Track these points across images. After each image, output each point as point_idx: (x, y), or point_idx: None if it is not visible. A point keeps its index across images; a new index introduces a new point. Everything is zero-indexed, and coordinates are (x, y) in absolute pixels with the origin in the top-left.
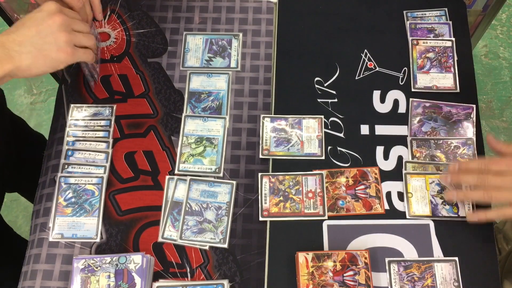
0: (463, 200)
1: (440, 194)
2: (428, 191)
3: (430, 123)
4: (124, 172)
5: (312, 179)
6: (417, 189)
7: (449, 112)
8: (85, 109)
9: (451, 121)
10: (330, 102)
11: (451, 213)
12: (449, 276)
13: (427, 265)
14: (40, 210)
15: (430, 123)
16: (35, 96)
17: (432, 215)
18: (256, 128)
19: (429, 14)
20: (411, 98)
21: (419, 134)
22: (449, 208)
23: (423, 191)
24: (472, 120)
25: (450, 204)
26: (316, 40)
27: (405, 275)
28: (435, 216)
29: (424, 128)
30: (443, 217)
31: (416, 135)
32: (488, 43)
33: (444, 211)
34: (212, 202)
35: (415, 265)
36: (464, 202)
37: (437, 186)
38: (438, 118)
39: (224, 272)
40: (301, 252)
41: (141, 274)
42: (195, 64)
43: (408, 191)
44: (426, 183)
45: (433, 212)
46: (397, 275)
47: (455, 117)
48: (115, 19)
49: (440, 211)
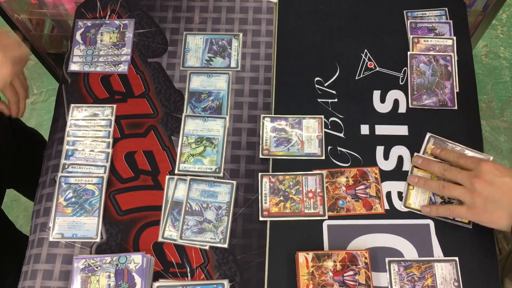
0: (421, 187)
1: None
2: None
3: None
4: (124, 172)
5: (312, 179)
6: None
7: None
8: (85, 109)
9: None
10: (330, 102)
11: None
12: (449, 276)
13: (427, 265)
14: (40, 210)
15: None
16: (35, 96)
17: None
18: (256, 128)
19: (429, 14)
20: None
21: (419, 102)
22: None
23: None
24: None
25: (447, 200)
26: (316, 40)
27: (405, 275)
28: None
29: (425, 99)
30: (439, 217)
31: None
32: (488, 43)
33: None
34: (212, 202)
35: (415, 265)
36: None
37: None
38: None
39: (224, 272)
40: (301, 252)
41: (141, 274)
42: (195, 64)
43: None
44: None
45: None
46: (397, 275)
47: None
48: (115, 19)
49: None
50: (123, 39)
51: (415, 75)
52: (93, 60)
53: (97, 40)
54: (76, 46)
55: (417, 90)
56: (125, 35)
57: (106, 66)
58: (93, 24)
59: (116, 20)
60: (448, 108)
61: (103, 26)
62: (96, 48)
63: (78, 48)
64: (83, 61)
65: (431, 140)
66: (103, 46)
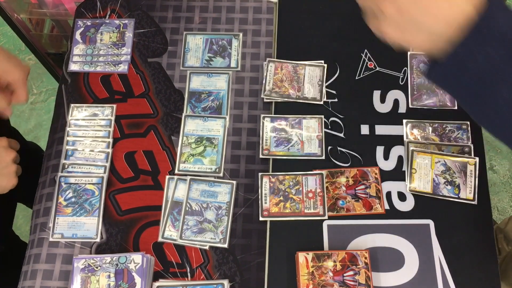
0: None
1: (443, 174)
2: (433, 169)
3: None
4: (124, 172)
5: (312, 179)
6: (421, 166)
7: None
8: (85, 109)
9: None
10: (330, 102)
11: (452, 194)
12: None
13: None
14: (40, 210)
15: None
16: (35, 96)
17: (432, 193)
18: (256, 128)
19: None
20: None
21: (419, 102)
22: (450, 189)
23: (427, 169)
24: None
25: (452, 186)
26: (316, 40)
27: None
28: (435, 194)
29: (425, 99)
30: (443, 196)
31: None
32: None
33: (445, 191)
34: (212, 202)
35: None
36: (465, 184)
37: (442, 166)
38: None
39: (224, 272)
40: (301, 252)
41: (141, 274)
42: (195, 64)
43: (412, 167)
44: (432, 161)
45: (434, 191)
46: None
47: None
48: (115, 18)
49: (441, 190)
50: (123, 38)
51: (415, 75)
52: (93, 59)
53: (96, 40)
54: (76, 46)
55: (417, 90)
56: (125, 35)
57: (106, 66)
58: (93, 24)
59: (116, 19)
60: (448, 108)
61: (103, 25)
62: (96, 48)
63: (77, 47)
64: (83, 60)
65: (409, 125)
66: (103, 45)
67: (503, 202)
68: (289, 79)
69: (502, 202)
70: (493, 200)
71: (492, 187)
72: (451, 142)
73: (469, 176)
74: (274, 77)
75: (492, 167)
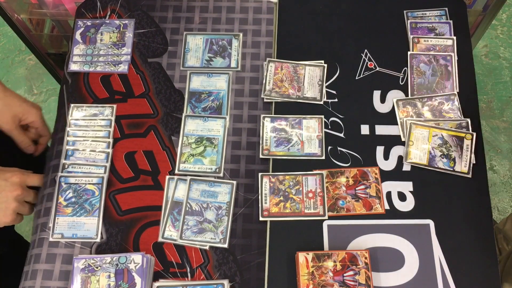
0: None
1: (440, 147)
2: (430, 142)
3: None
4: (124, 172)
5: (312, 179)
6: (419, 139)
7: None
8: (85, 109)
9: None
10: (330, 102)
11: (447, 167)
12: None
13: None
14: (41, 210)
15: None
16: (35, 96)
17: (428, 164)
18: (256, 128)
19: (429, 14)
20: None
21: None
22: (446, 162)
23: (424, 141)
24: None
25: (448, 159)
26: (316, 40)
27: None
28: (431, 166)
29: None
30: (438, 168)
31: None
32: (488, 43)
33: (441, 163)
34: (212, 202)
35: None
36: (461, 158)
37: (439, 139)
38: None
39: (224, 272)
40: (301, 252)
41: (141, 274)
42: (195, 64)
43: (410, 139)
44: (430, 135)
45: (430, 162)
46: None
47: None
48: (115, 19)
49: (437, 163)
50: (123, 39)
51: (415, 75)
52: (93, 59)
53: (96, 40)
54: (76, 46)
55: (417, 90)
56: (125, 35)
57: (106, 66)
58: (93, 24)
59: (116, 20)
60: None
61: (103, 25)
62: (96, 48)
63: (77, 47)
64: (83, 60)
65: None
66: (103, 45)
67: (503, 202)
68: (289, 79)
69: (502, 202)
70: (493, 200)
71: (492, 187)
72: (442, 114)
73: (465, 150)
74: (274, 77)
75: (492, 167)
